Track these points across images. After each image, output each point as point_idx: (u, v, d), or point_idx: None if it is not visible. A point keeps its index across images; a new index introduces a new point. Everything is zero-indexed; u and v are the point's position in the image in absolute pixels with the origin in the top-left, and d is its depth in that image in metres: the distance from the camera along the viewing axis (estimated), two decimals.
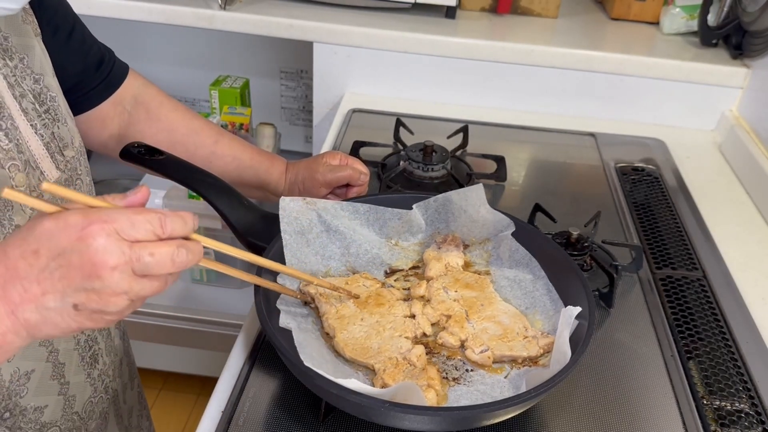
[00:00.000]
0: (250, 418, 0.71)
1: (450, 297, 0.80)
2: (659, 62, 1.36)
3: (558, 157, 1.30)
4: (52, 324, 0.49)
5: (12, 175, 0.62)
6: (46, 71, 0.70)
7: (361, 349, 0.73)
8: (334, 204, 0.84)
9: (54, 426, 0.73)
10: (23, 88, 0.66)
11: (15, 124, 0.63)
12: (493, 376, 0.72)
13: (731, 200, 1.18)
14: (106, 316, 0.49)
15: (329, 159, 0.92)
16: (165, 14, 1.42)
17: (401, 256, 0.87)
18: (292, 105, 1.95)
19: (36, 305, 0.48)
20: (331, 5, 1.45)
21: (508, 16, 1.51)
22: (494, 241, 0.86)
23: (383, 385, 0.69)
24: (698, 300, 0.94)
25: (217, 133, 0.93)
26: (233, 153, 0.92)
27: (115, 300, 0.48)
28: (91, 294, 0.47)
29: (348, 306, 0.78)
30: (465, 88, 1.42)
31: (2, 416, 0.66)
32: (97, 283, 0.47)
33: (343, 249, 0.84)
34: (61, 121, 0.70)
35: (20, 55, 0.67)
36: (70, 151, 0.71)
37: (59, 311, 0.48)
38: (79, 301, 0.48)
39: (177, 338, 1.77)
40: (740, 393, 0.80)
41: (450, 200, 0.86)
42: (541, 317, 0.78)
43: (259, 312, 0.70)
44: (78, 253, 0.46)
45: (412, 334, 0.75)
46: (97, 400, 0.80)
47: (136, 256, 0.47)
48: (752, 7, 1.27)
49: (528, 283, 0.81)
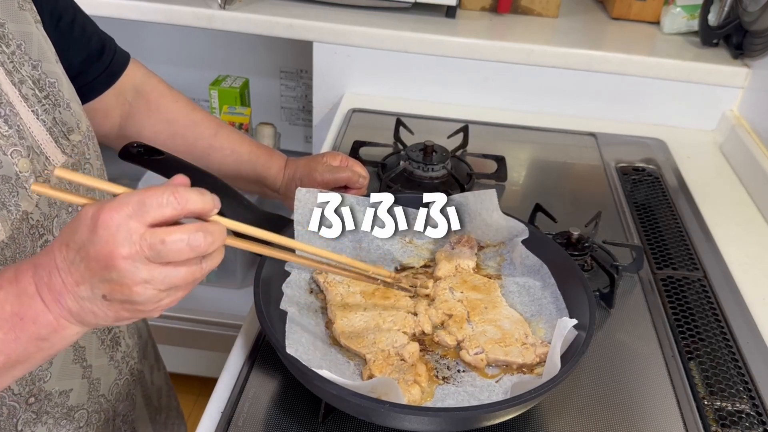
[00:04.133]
0: (249, 419, 0.71)
1: (454, 297, 0.80)
2: (660, 62, 1.36)
3: (558, 157, 1.30)
4: (91, 313, 0.49)
5: (15, 161, 0.61)
6: (46, 57, 0.69)
7: (356, 338, 0.73)
8: (349, 197, 0.84)
9: (81, 409, 0.73)
10: (22, 74, 0.65)
11: (15, 110, 0.63)
12: (485, 380, 0.72)
13: (732, 200, 1.18)
14: (138, 306, 0.49)
15: (329, 159, 0.91)
16: (165, 14, 1.42)
17: (413, 253, 0.87)
18: (292, 105, 1.95)
19: (73, 295, 0.48)
20: (331, 5, 1.45)
21: (508, 16, 1.51)
22: (508, 246, 0.85)
23: (370, 376, 0.69)
24: (699, 300, 0.94)
25: (217, 125, 0.93)
26: (232, 146, 0.92)
27: (138, 290, 0.47)
28: (113, 285, 0.47)
29: (354, 296, 0.78)
30: (465, 88, 1.42)
31: (27, 401, 0.66)
32: (114, 273, 0.47)
33: (355, 243, 0.84)
34: (63, 105, 0.69)
35: (17, 42, 0.66)
36: (77, 136, 0.70)
37: (92, 301, 0.48)
38: (106, 292, 0.48)
39: (177, 338, 1.76)
40: (741, 393, 0.80)
41: (466, 201, 0.86)
42: (545, 325, 0.78)
43: (259, 312, 0.70)
44: (93, 245, 0.46)
45: (411, 330, 0.75)
46: (123, 382, 0.81)
47: (147, 244, 0.46)
48: (753, 7, 1.27)
49: (537, 290, 0.81)
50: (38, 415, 0.68)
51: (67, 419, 0.72)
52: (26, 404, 0.66)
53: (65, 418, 0.71)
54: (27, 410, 0.67)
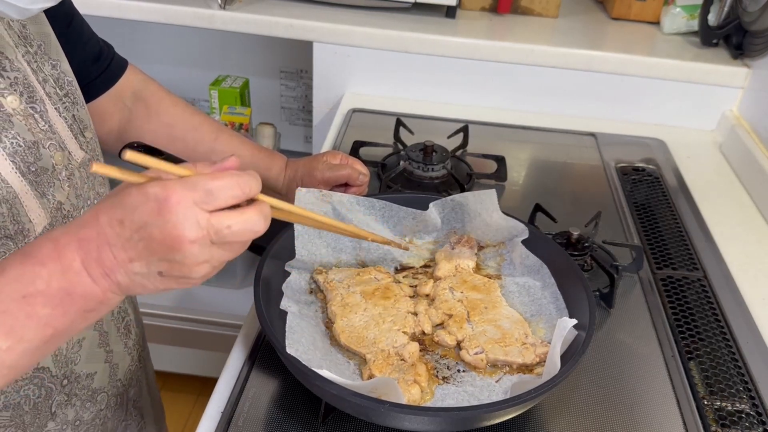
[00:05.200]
0: (249, 419, 0.71)
1: (454, 297, 0.80)
2: (660, 62, 1.36)
3: (558, 157, 1.30)
4: (141, 286, 0.51)
5: (52, 154, 0.65)
6: (62, 57, 0.72)
7: (356, 338, 0.74)
8: (350, 198, 0.84)
9: (102, 392, 0.77)
10: (44, 73, 0.68)
11: (45, 107, 0.66)
12: (485, 379, 0.72)
13: (732, 200, 1.18)
14: (191, 280, 0.51)
15: (329, 158, 0.92)
16: (164, 14, 1.42)
17: (413, 254, 0.87)
18: (292, 105, 1.95)
19: (125, 270, 0.50)
20: (331, 5, 1.45)
21: (508, 16, 1.51)
22: (508, 246, 0.85)
23: (370, 376, 0.69)
24: (699, 300, 0.94)
25: (217, 129, 0.93)
26: (233, 149, 0.92)
27: (197, 268, 0.50)
28: (174, 264, 0.49)
29: (354, 295, 0.78)
30: (465, 88, 1.42)
31: (62, 383, 0.70)
32: (178, 255, 0.48)
33: (355, 243, 0.84)
34: (80, 104, 0.73)
35: (38, 42, 0.69)
36: (89, 133, 0.73)
37: (146, 276, 0.50)
38: (164, 269, 0.50)
39: (177, 338, 1.77)
40: (741, 393, 0.80)
41: (466, 201, 0.86)
42: (545, 325, 0.78)
43: (259, 312, 0.70)
44: (158, 228, 0.48)
45: (410, 330, 0.75)
46: (134, 368, 0.84)
47: (214, 230, 0.49)
48: (753, 7, 1.27)
49: (537, 290, 0.81)
50: (69, 397, 0.72)
51: (91, 401, 0.75)
52: (61, 386, 0.70)
53: (90, 400, 0.75)
54: (61, 392, 0.70)
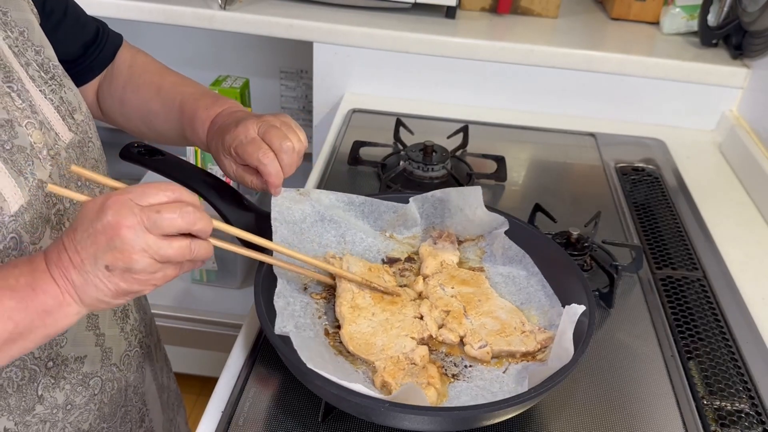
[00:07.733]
0: (250, 418, 0.71)
1: (447, 294, 0.80)
2: (659, 62, 1.36)
3: (558, 157, 1.30)
4: (93, 286, 0.56)
5: (29, 132, 0.66)
6: (46, 44, 0.73)
7: (365, 345, 0.73)
8: (329, 195, 0.84)
9: (95, 376, 0.77)
10: (27, 57, 0.69)
11: (25, 87, 0.67)
12: (492, 371, 0.72)
13: (731, 200, 1.18)
14: (135, 275, 0.56)
15: (249, 128, 0.73)
16: (165, 14, 1.42)
17: (395, 248, 0.87)
18: (292, 105, 1.95)
19: (78, 270, 0.56)
20: (331, 5, 1.45)
21: (508, 16, 1.51)
22: (488, 239, 0.86)
23: (383, 383, 0.69)
24: (698, 300, 0.94)
25: (168, 72, 0.89)
26: (177, 87, 0.86)
27: (137, 257, 0.55)
28: (115, 253, 0.55)
29: (364, 296, 0.78)
30: (465, 88, 1.42)
31: (46, 365, 0.70)
32: (118, 241, 0.54)
33: (339, 237, 0.85)
34: (67, 87, 0.74)
35: (20, 29, 0.70)
36: (79, 115, 0.74)
37: (95, 273, 0.56)
38: (108, 262, 0.55)
39: (177, 338, 1.76)
40: (740, 393, 0.80)
41: (448, 197, 0.86)
42: (537, 312, 0.78)
43: (259, 312, 0.70)
44: (100, 221, 0.55)
45: (419, 335, 0.75)
46: (133, 353, 0.84)
47: (146, 215, 0.55)
48: (752, 7, 1.27)
49: (522, 279, 0.82)
50: (56, 380, 0.72)
51: (82, 386, 0.75)
52: (45, 368, 0.70)
53: (81, 384, 0.75)
54: (46, 374, 0.71)
